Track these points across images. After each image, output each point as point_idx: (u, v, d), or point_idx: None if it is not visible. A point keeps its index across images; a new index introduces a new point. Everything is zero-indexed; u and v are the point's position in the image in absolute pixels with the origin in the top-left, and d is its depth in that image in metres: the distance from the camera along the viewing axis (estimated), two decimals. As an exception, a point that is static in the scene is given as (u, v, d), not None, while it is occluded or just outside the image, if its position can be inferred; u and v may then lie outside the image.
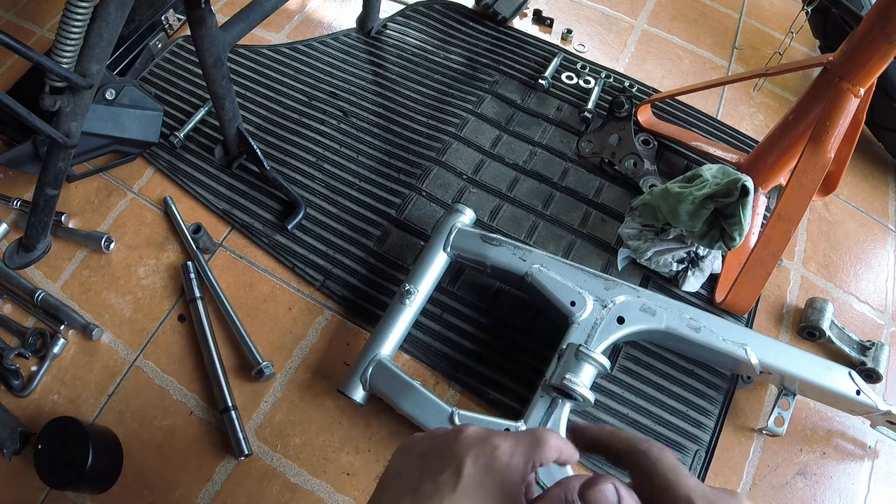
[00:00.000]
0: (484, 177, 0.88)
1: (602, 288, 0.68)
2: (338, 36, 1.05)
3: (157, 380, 0.73)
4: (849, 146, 0.80)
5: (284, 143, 0.91)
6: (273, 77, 0.99)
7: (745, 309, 0.75)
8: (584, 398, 0.59)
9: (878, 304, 0.83)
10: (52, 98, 0.58)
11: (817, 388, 0.64)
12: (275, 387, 0.72)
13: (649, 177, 0.87)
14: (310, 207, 0.85)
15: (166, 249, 0.81)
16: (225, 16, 0.84)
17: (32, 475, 0.62)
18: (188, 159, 0.89)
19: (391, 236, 0.83)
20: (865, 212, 0.92)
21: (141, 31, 0.97)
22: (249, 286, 0.79)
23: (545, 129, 0.94)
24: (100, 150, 0.85)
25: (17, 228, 0.84)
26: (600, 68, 1.02)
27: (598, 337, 0.65)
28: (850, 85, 0.67)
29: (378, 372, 0.66)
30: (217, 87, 0.73)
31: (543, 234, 0.83)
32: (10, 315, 0.77)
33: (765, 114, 1.01)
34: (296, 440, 0.69)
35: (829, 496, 0.68)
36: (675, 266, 0.78)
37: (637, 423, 0.70)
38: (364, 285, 0.79)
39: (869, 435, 0.72)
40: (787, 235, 0.71)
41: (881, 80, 0.74)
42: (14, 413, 0.70)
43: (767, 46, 1.09)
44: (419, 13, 1.09)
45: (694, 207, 0.70)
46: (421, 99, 0.97)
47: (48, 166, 0.65)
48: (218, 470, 0.67)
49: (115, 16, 0.56)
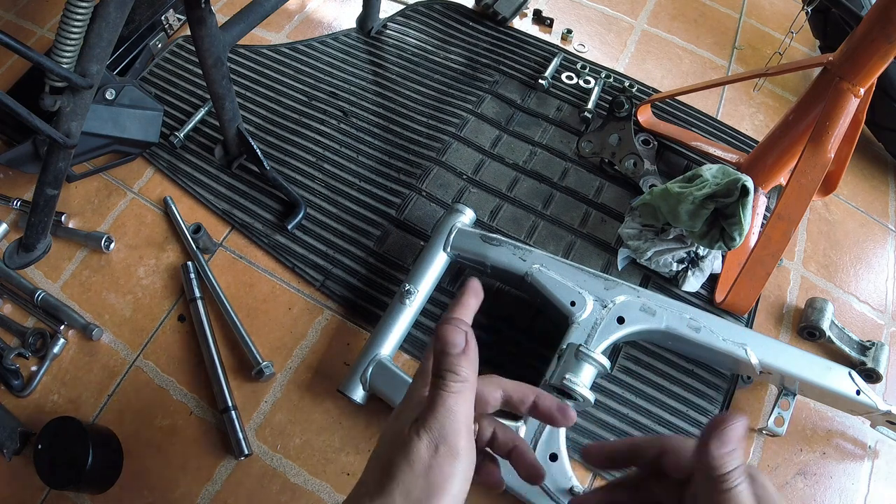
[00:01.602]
0: (484, 177, 0.88)
1: (602, 288, 0.68)
2: (338, 36, 1.05)
3: (157, 380, 0.73)
4: (849, 146, 0.80)
5: (284, 143, 0.91)
6: (273, 77, 0.99)
7: (745, 309, 0.75)
8: (584, 398, 0.59)
9: (878, 304, 0.83)
10: (52, 98, 0.59)
11: (817, 388, 0.64)
12: (275, 387, 0.72)
13: (649, 177, 0.87)
14: (310, 207, 0.85)
15: (166, 249, 0.81)
16: (225, 16, 0.84)
17: (32, 475, 0.62)
18: (188, 159, 0.89)
19: (391, 236, 0.83)
20: (865, 212, 0.92)
21: (141, 31, 0.97)
22: (249, 286, 0.79)
23: (545, 129, 0.94)
24: (100, 150, 0.85)
25: (17, 228, 0.84)
26: (600, 68, 1.02)
27: (598, 337, 0.65)
28: (850, 85, 0.67)
29: (378, 372, 0.66)
30: (217, 87, 0.73)
31: (543, 234, 0.83)
32: (10, 315, 0.77)
33: (765, 114, 1.01)
34: (296, 440, 0.69)
35: (829, 496, 0.68)
36: (675, 266, 0.78)
37: (637, 423, 0.70)
38: (364, 285, 0.79)
39: (869, 435, 0.72)
40: (787, 235, 0.71)
41: (881, 80, 0.74)
42: (14, 413, 0.69)
43: (767, 46, 1.09)
44: (419, 13, 1.09)
45: (694, 207, 0.70)
46: (421, 99, 0.97)
47: (48, 166, 0.65)
48: (218, 470, 0.67)
49: (115, 16, 0.56)
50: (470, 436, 0.32)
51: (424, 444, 0.31)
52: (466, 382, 0.32)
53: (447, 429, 0.31)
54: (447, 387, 0.32)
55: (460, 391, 0.32)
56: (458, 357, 0.32)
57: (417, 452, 0.31)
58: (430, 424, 0.31)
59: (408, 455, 0.31)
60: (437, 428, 0.31)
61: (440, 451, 0.31)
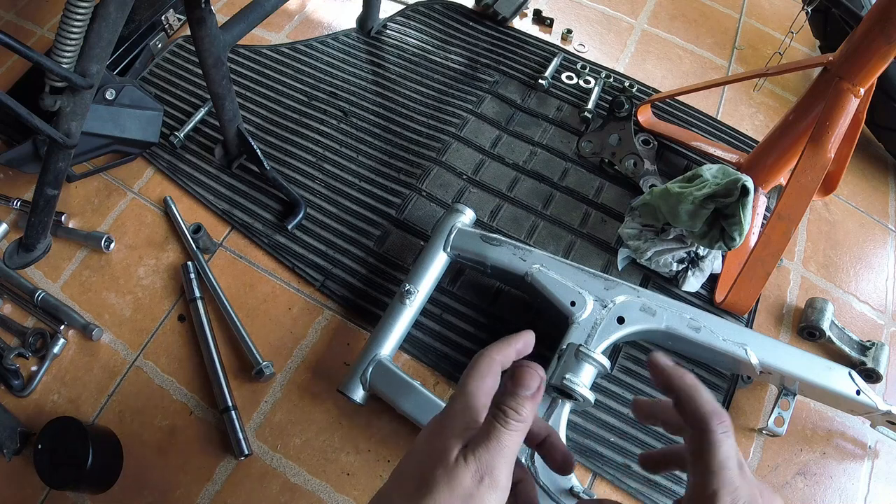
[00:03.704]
0: (484, 177, 0.88)
1: (602, 288, 0.68)
2: (338, 36, 1.05)
3: (157, 380, 0.73)
4: (849, 146, 0.80)
5: (284, 143, 0.91)
6: (273, 77, 0.99)
7: (745, 309, 0.75)
8: (585, 398, 0.59)
9: (878, 304, 0.83)
10: (52, 98, 0.59)
11: (817, 388, 0.64)
12: (275, 387, 0.72)
13: (649, 177, 0.87)
14: (310, 207, 0.85)
15: (166, 249, 0.81)
16: (225, 16, 0.84)
17: (32, 475, 0.62)
18: (188, 159, 0.89)
19: (391, 236, 0.83)
20: (865, 212, 0.92)
21: (141, 31, 0.97)
22: (249, 286, 0.79)
23: (545, 129, 0.94)
24: (100, 150, 0.85)
25: (17, 228, 0.84)
26: (600, 68, 1.02)
27: (598, 337, 0.65)
28: (850, 85, 0.67)
29: (378, 372, 0.66)
30: (217, 87, 0.73)
31: (543, 234, 0.83)
32: (10, 315, 0.77)
33: (765, 114, 1.01)
34: (296, 440, 0.69)
35: (829, 496, 0.68)
36: (675, 266, 0.78)
37: (637, 423, 0.70)
38: (364, 285, 0.79)
39: (869, 435, 0.72)
40: (787, 235, 0.71)
41: (881, 80, 0.74)
42: (14, 413, 0.69)
43: (767, 46, 1.09)
44: (419, 13, 1.09)
45: (694, 207, 0.70)
46: (421, 99, 0.97)
47: (48, 166, 0.65)
48: (218, 470, 0.67)
49: (115, 16, 0.56)
50: (511, 471, 0.33)
51: (471, 471, 0.31)
52: (525, 423, 0.33)
53: (496, 462, 0.32)
54: (507, 424, 0.33)
55: (517, 430, 0.33)
56: (526, 399, 0.34)
57: (462, 477, 0.31)
58: (480, 454, 0.32)
59: (451, 477, 0.31)
60: (487, 460, 0.32)
61: (484, 481, 0.31)
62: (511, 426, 0.33)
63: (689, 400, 0.33)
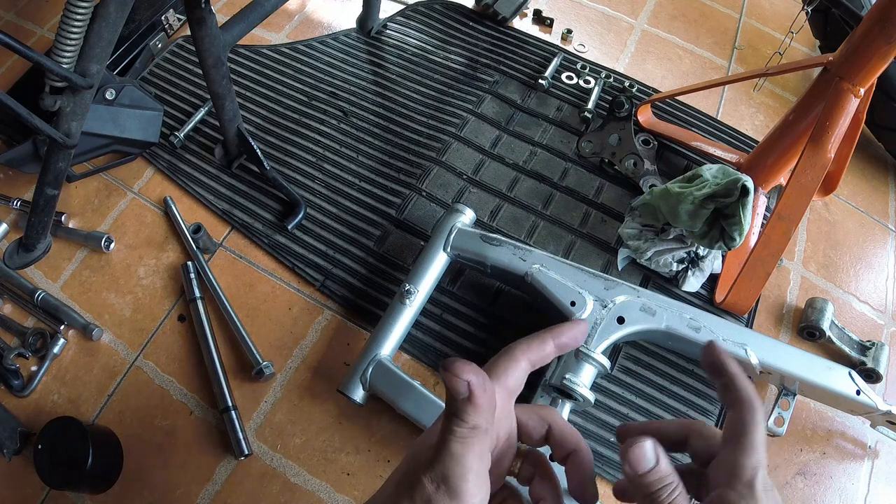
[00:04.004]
0: (484, 177, 0.88)
1: (602, 288, 0.68)
2: (338, 36, 1.05)
3: (157, 380, 0.73)
4: (849, 146, 0.80)
5: (284, 143, 0.91)
6: (273, 77, 0.99)
7: (745, 309, 0.75)
8: (585, 398, 0.59)
9: (878, 304, 0.83)
10: (52, 98, 0.59)
11: (817, 388, 0.64)
12: (275, 387, 0.72)
13: (649, 177, 0.87)
14: (310, 207, 0.85)
15: (166, 249, 0.81)
16: (225, 16, 0.84)
17: (32, 475, 0.62)
18: (188, 159, 0.89)
19: (391, 236, 0.83)
20: (865, 212, 0.92)
21: (141, 31, 0.97)
22: (249, 286, 0.79)
23: (545, 129, 0.94)
24: (100, 150, 0.85)
25: (17, 228, 0.84)
26: (600, 68, 1.02)
27: (598, 337, 0.65)
28: (850, 85, 0.67)
29: (378, 372, 0.66)
30: (217, 87, 0.73)
31: (543, 234, 0.83)
32: (10, 315, 0.77)
33: (765, 114, 1.01)
34: (296, 440, 0.69)
35: (829, 496, 0.68)
36: (675, 266, 0.78)
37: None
38: (364, 285, 0.79)
39: (869, 435, 0.72)
40: (787, 235, 0.71)
41: (881, 80, 0.74)
42: (14, 413, 0.69)
43: (767, 46, 1.09)
44: (419, 13, 1.09)
45: (694, 207, 0.70)
46: (421, 99, 0.97)
47: (48, 166, 0.65)
48: (218, 470, 0.67)
49: (115, 16, 0.56)
50: (478, 479, 0.32)
51: (429, 480, 0.31)
52: (475, 430, 0.31)
53: (449, 471, 0.31)
54: (453, 433, 0.31)
55: (466, 437, 0.31)
56: (462, 403, 0.31)
57: (420, 488, 0.31)
58: (434, 464, 0.31)
59: (412, 485, 0.31)
60: (441, 469, 0.31)
61: (440, 489, 0.31)
62: (457, 434, 0.31)
63: (737, 387, 0.35)
